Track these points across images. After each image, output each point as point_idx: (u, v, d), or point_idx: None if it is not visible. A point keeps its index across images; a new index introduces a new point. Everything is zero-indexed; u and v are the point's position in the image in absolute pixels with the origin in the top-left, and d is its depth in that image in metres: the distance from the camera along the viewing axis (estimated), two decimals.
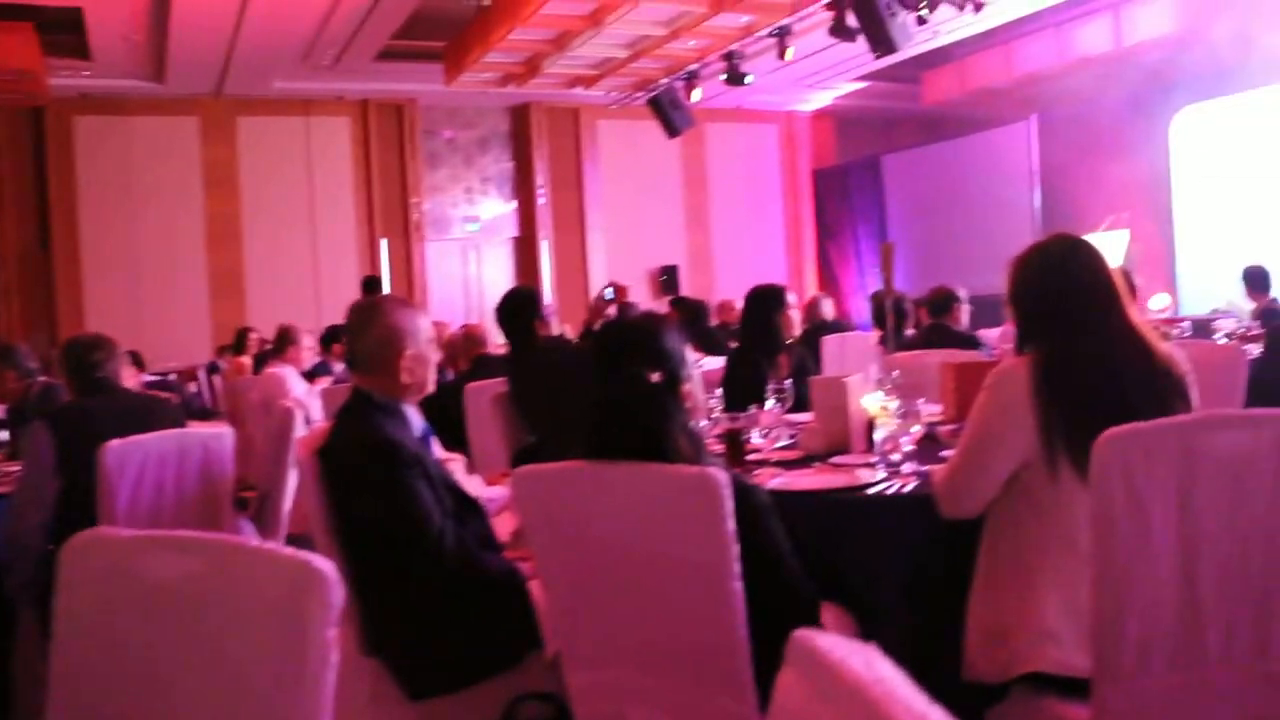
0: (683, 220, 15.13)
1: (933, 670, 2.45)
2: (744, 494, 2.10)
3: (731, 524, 2.01)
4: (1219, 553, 1.98)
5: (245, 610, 1.37)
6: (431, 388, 2.72)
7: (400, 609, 2.52)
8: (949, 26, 10.84)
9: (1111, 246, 10.40)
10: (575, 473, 2.17)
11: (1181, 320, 7.90)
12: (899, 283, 14.01)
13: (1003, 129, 13.55)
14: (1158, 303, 11.07)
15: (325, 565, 1.34)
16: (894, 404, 2.93)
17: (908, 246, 13.90)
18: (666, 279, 14.44)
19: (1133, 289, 2.92)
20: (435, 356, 2.74)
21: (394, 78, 12.68)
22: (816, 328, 7.18)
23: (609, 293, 4.96)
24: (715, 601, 2.07)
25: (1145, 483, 1.94)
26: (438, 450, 2.82)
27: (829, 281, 15.94)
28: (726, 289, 13.89)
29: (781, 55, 10.35)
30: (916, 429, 2.80)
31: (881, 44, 9.28)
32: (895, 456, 2.79)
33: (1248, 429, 1.99)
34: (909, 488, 2.63)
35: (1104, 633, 2.00)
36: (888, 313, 5.53)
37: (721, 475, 2.01)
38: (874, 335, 6.79)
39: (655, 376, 2.22)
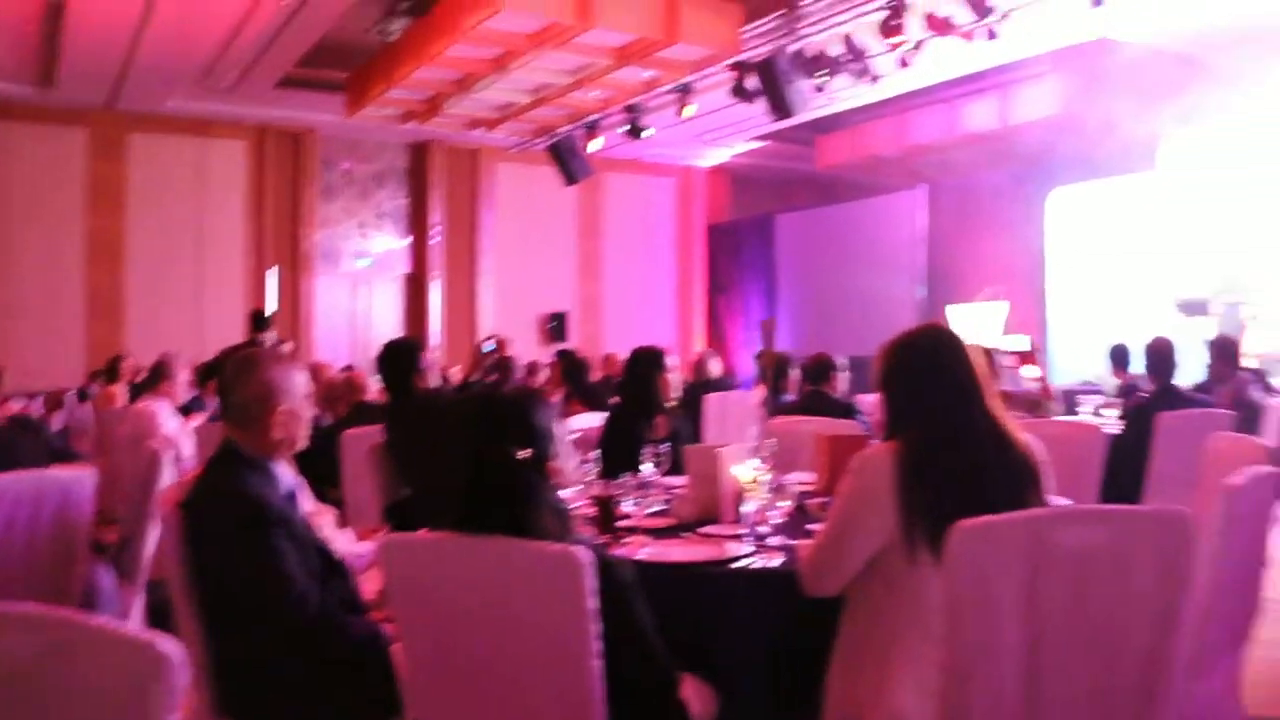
0: (575, 267, 15.19)
1: None
2: (607, 571, 2.12)
3: (593, 602, 2.02)
4: (1063, 643, 2.05)
5: (83, 692, 1.33)
6: (304, 444, 2.68)
7: (258, 671, 2.46)
8: (845, 94, 11.13)
9: (989, 317, 10.77)
10: (442, 545, 2.17)
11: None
12: (785, 341, 14.28)
13: (892, 196, 13.94)
14: (1029, 373, 11.46)
15: (171, 648, 1.31)
16: (766, 475, 2.99)
17: (796, 305, 14.19)
18: (555, 326, 14.45)
19: (994, 368, 3.01)
20: (309, 413, 2.71)
21: (294, 105, 12.52)
22: (701, 385, 7.25)
23: (489, 345, 4.94)
24: (573, 677, 2.08)
25: (995, 574, 2.00)
26: (306, 504, 2.77)
27: (717, 336, 16.16)
28: (616, 338, 13.96)
29: (681, 112, 10.52)
30: (785, 504, 2.85)
31: (780, 108, 9.51)
32: (763, 529, 2.83)
33: (1094, 524, 2.08)
34: (774, 563, 2.66)
35: (951, 716, 2.06)
36: (768, 379, 5.61)
37: (584, 554, 2.03)
38: (757, 394, 6.89)
39: (524, 453, 2.23)
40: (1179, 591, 2.08)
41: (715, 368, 7.89)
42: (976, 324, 10.02)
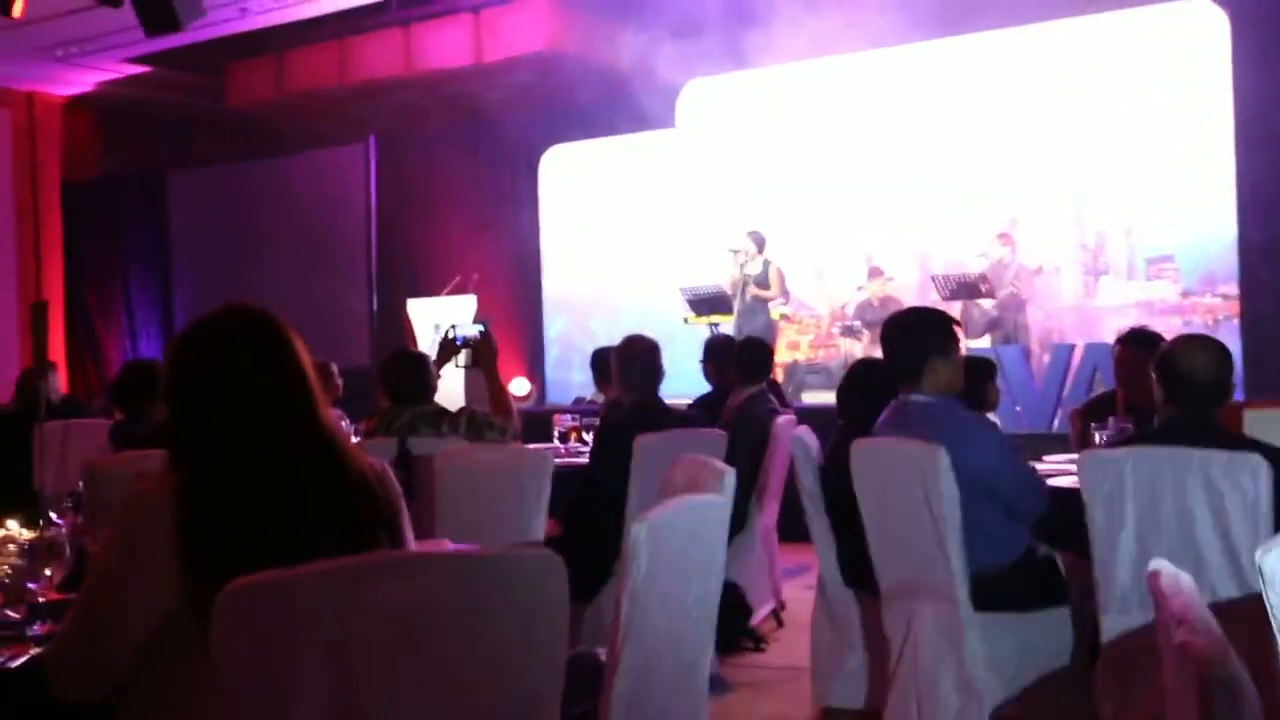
0: None
1: None
2: None
3: None
4: (389, 715, 2.08)
5: None
6: None
7: None
8: (264, 6, 11.05)
9: (457, 315, 10.95)
10: None
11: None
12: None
13: (333, 150, 14.04)
14: (518, 389, 11.96)
15: None
16: (31, 535, 2.86)
17: (203, 295, 13.79)
18: None
19: (330, 389, 3.03)
20: None
21: None
22: (27, 413, 6.89)
23: None
24: None
25: (283, 645, 1.98)
26: None
27: (84, 335, 15.52)
28: None
29: (8, 9, 9.82)
30: (50, 572, 2.70)
31: (159, 18, 9.18)
32: (15, 615, 2.68)
33: (420, 575, 2.13)
34: (16, 661, 2.50)
35: None
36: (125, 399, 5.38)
37: None
38: (108, 424, 6.64)
39: None
40: (556, 649, 2.18)
41: (56, 385, 7.46)
42: (442, 324, 10.11)
